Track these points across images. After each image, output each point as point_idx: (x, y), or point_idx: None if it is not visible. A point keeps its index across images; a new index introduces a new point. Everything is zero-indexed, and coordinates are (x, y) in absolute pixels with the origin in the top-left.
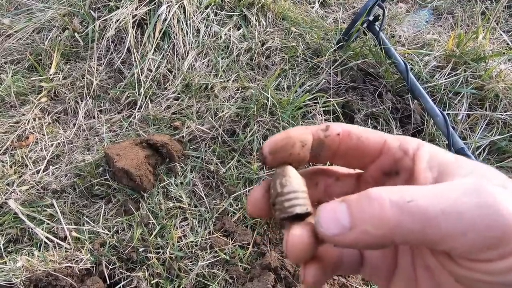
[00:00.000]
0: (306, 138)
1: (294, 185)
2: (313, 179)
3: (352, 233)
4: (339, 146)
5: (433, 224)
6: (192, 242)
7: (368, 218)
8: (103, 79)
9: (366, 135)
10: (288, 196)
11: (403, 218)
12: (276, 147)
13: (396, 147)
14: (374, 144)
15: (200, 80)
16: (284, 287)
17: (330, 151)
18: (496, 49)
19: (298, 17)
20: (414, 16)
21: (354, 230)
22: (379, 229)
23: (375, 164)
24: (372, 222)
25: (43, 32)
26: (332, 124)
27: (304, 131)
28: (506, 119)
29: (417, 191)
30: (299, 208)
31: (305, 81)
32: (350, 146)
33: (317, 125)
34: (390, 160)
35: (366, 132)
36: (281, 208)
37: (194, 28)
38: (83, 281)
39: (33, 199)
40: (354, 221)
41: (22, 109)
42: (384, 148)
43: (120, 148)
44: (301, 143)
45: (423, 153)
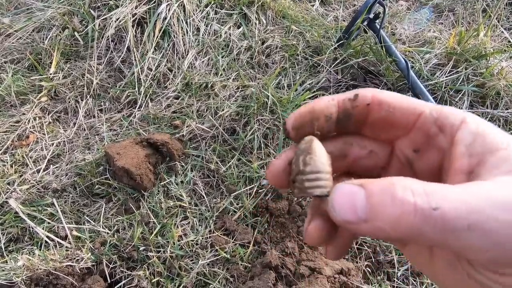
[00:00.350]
0: (331, 111)
1: (318, 165)
2: (343, 150)
3: (366, 225)
4: (367, 117)
5: (455, 237)
6: (193, 241)
7: (387, 217)
8: (103, 78)
9: (400, 105)
10: (310, 176)
11: (425, 227)
12: (300, 122)
13: (431, 122)
14: (407, 116)
15: (200, 79)
16: (284, 285)
17: (358, 123)
18: (497, 47)
19: (298, 15)
20: (415, 14)
21: (369, 224)
22: (397, 232)
23: (407, 138)
24: (391, 223)
25: (43, 32)
26: (361, 91)
27: (329, 103)
28: (507, 117)
29: (445, 195)
30: (319, 191)
31: (305, 79)
32: (379, 117)
33: (345, 93)
34: (423, 136)
35: (401, 101)
36: (301, 187)
37: (194, 27)
38: (84, 280)
39: (34, 198)
40: (371, 215)
41: (22, 109)
42: (419, 121)
43: (120, 147)
44: (326, 117)
45: (464, 133)
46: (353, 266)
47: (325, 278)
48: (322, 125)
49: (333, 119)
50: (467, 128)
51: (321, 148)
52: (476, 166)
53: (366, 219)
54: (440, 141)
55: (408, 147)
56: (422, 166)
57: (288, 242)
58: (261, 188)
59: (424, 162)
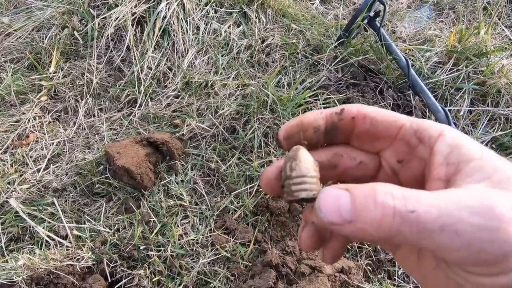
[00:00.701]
0: (318, 123)
1: (302, 170)
2: (334, 160)
3: (350, 226)
4: (353, 129)
5: (429, 237)
6: (193, 239)
7: (369, 219)
8: (103, 78)
9: (382, 119)
10: (296, 180)
11: (403, 228)
12: (290, 133)
13: (411, 134)
14: (389, 129)
15: (200, 78)
16: (285, 284)
17: (345, 134)
18: (498, 44)
19: (298, 14)
20: (415, 12)
21: (353, 225)
22: (378, 232)
23: (391, 150)
24: (372, 224)
25: (42, 31)
26: (347, 106)
27: (317, 116)
28: (508, 115)
29: (421, 200)
30: (305, 193)
31: (305, 78)
32: (364, 130)
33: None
34: (405, 147)
35: (383, 115)
36: (288, 191)
37: (194, 26)
38: (85, 279)
39: (34, 197)
40: (355, 217)
41: (22, 108)
42: (400, 133)
43: (120, 146)
44: (314, 128)
45: (442, 145)
46: (353, 265)
47: (325, 277)
48: (311, 136)
49: (321, 130)
50: (444, 140)
51: (306, 155)
52: (452, 175)
53: (351, 220)
54: (420, 151)
55: (392, 157)
56: (406, 175)
57: (289, 241)
58: (261, 187)
59: (408, 171)
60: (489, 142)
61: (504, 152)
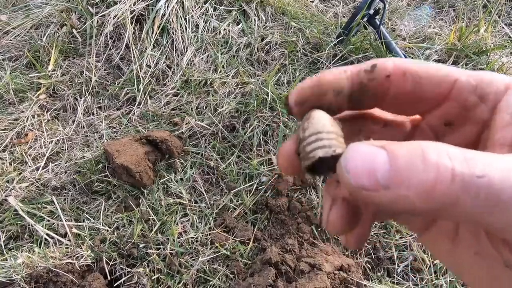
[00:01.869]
0: (341, 85)
1: (316, 126)
2: (354, 124)
3: (387, 193)
4: (388, 91)
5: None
6: (193, 238)
7: (416, 184)
8: (102, 76)
9: (428, 74)
10: (310, 139)
11: (465, 198)
12: (303, 96)
13: (470, 91)
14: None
15: (200, 76)
16: (284, 282)
17: (376, 97)
18: (498, 42)
19: (298, 12)
20: (415, 10)
21: (391, 191)
22: (427, 202)
23: (438, 110)
24: (420, 190)
25: (41, 29)
26: (380, 61)
27: (340, 75)
28: None
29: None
30: (322, 151)
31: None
32: (404, 90)
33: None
34: (459, 107)
35: (428, 69)
36: (304, 156)
37: (193, 24)
38: (84, 277)
39: (33, 196)
40: (396, 180)
41: (21, 106)
42: (453, 91)
43: (119, 144)
44: (334, 91)
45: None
46: (353, 263)
47: (325, 275)
48: (330, 101)
49: (344, 93)
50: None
51: (322, 113)
52: None
53: (388, 185)
54: (481, 112)
55: (438, 119)
56: (454, 140)
57: (288, 239)
58: (260, 185)
59: (458, 136)
60: None
61: None
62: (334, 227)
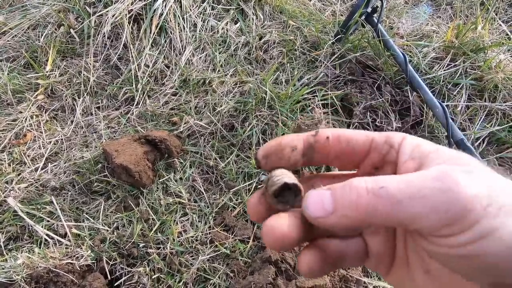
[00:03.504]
0: (296, 143)
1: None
2: (309, 182)
3: (333, 216)
4: (330, 150)
5: (401, 208)
6: (192, 237)
7: (347, 204)
8: (100, 76)
9: (355, 138)
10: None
11: (376, 202)
12: (269, 152)
13: (383, 143)
14: (363, 144)
15: (198, 75)
16: (284, 280)
17: (322, 154)
18: (495, 40)
19: (296, 10)
20: (413, 8)
21: (335, 214)
22: (357, 213)
23: (366, 161)
24: (350, 207)
25: (38, 29)
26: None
27: (294, 137)
28: (505, 110)
29: (390, 179)
30: (287, 178)
31: (303, 74)
32: (341, 149)
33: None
34: (379, 156)
35: (355, 134)
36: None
37: (191, 23)
38: (84, 277)
39: (32, 196)
40: (336, 206)
41: (19, 107)
42: (372, 146)
43: (118, 144)
44: (291, 148)
45: (406, 145)
46: None
47: None
48: (289, 155)
49: (298, 150)
50: (406, 141)
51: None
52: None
53: (332, 211)
54: (391, 155)
55: (368, 166)
56: None
57: None
58: (260, 184)
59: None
60: (487, 137)
61: (501, 147)
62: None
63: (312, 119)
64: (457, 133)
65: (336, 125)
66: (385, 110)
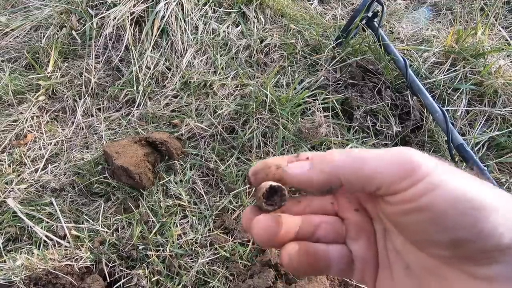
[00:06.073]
0: (280, 162)
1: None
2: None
3: (311, 171)
4: None
5: (365, 164)
6: (192, 239)
7: (324, 161)
8: (101, 77)
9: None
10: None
11: (346, 160)
12: (257, 169)
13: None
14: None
15: (199, 78)
16: (284, 283)
17: None
18: (495, 45)
19: (297, 14)
20: (413, 13)
21: (313, 169)
22: (331, 167)
23: None
24: (326, 163)
25: (40, 30)
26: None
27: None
28: (505, 115)
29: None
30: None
31: (304, 78)
32: None
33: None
34: None
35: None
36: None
37: (193, 25)
38: (83, 279)
39: (32, 197)
40: (314, 164)
41: (20, 108)
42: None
43: (119, 146)
44: (276, 166)
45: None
46: None
47: (324, 276)
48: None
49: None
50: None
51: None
52: None
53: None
54: None
55: None
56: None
57: None
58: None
59: None
60: (486, 142)
61: (501, 152)
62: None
63: (313, 122)
64: (457, 138)
65: (336, 128)
66: (385, 114)
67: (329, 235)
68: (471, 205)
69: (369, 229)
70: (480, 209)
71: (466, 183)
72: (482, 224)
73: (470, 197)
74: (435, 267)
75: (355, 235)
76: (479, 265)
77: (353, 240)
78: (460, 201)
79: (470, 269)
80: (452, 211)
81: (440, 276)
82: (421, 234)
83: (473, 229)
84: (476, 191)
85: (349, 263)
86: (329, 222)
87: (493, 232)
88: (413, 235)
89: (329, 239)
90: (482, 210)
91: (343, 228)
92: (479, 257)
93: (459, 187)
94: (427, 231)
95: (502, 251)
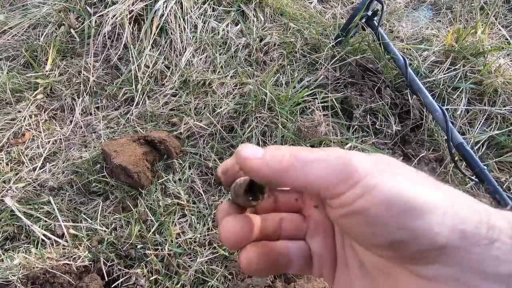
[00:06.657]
0: None
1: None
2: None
3: (259, 161)
4: None
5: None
6: (191, 238)
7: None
8: (100, 76)
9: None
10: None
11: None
12: (226, 167)
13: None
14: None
15: (198, 76)
16: (283, 282)
17: None
18: (495, 44)
19: (297, 13)
20: (413, 12)
21: (262, 160)
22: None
23: None
24: (275, 159)
25: (38, 28)
26: None
27: None
28: (505, 114)
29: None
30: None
31: (303, 76)
32: None
33: None
34: None
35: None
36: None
37: (192, 24)
38: (81, 278)
39: (30, 196)
40: (264, 155)
41: (18, 106)
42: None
43: (117, 144)
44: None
45: None
46: None
47: None
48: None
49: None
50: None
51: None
52: None
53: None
54: None
55: None
56: None
57: None
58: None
59: None
60: (486, 141)
61: (500, 151)
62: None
63: (312, 121)
64: (457, 137)
65: (336, 127)
66: (385, 113)
67: (291, 232)
68: (406, 206)
69: (328, 225)
70: (416, 209)
71: (403, 183)
72: (415, 225)
73: (406, 197)
74: (384, 266)
75: (313, 231)
76: (420, 264)
77: (311, 237)
78: (394, 202)
79: (414, 268)
80: (385, 213)
81: (389, 274)
82: (361, 236)
83: (408, 230)
84: (413, 191)
85: (308, 260)
86: (291, 219)
87: (428, 232)
88: (354, 237)
89: (291, 236)
90: (417, 210)
91: (305, 225)
92: (418, 257)
93: (394, 188)
94: (365, 234)
95: (438, 250)
